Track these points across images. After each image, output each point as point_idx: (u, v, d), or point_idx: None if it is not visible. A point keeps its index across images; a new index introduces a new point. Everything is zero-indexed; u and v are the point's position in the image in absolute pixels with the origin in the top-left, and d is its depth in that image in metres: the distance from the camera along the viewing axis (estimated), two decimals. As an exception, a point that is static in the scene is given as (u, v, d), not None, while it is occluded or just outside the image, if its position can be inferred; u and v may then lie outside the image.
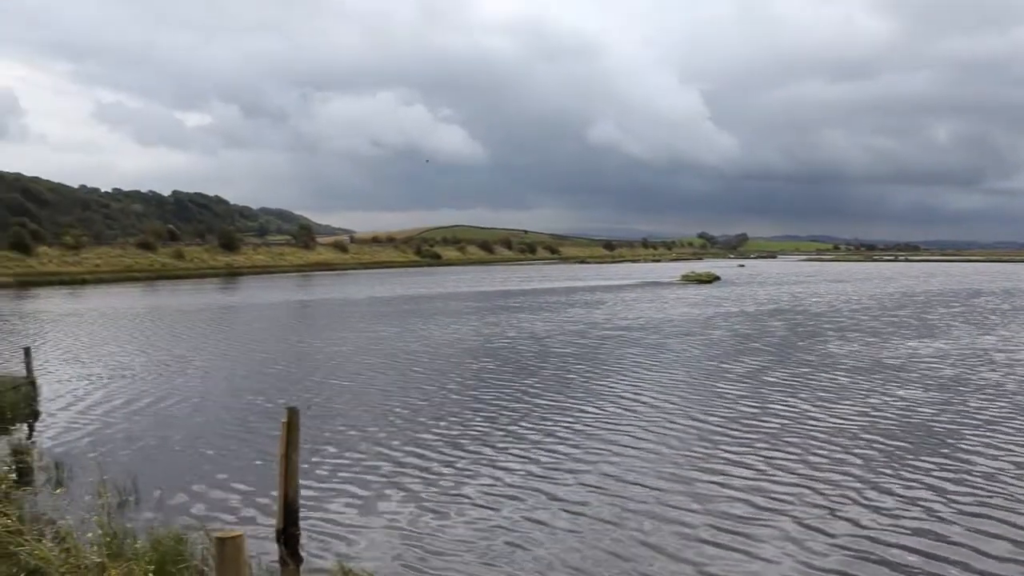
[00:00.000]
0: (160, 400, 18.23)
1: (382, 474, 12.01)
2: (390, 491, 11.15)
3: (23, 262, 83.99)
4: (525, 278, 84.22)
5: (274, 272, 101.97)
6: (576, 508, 10.17)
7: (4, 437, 14.91)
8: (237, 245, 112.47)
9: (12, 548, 4.86)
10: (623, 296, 53.02)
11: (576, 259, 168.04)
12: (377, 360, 23.60)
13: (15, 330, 34.64)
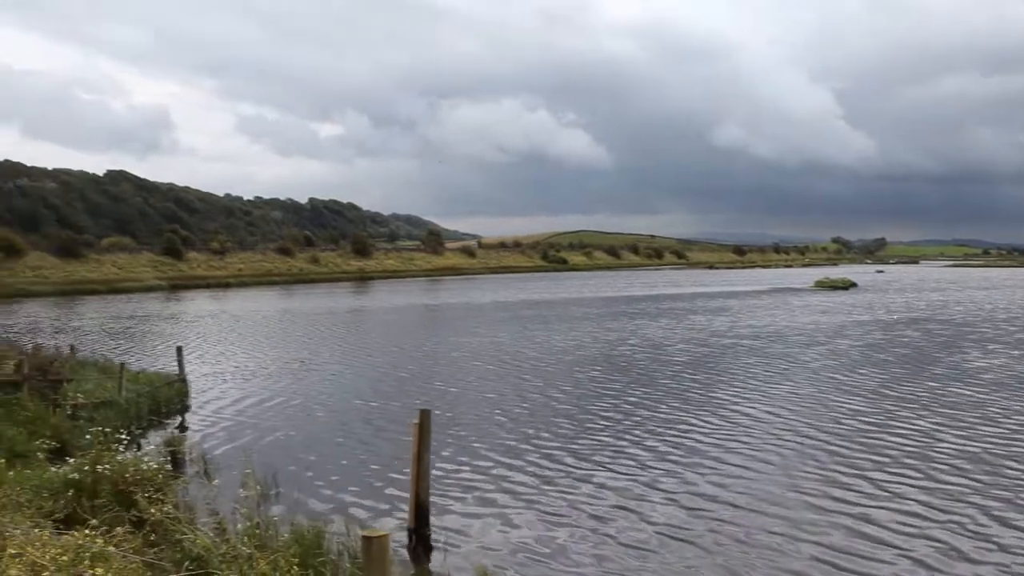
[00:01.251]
0: (295, 398, 19.28)
1: (501, 476, 12.33)
2: (511, 494, 11.46)
3: (175, 266, 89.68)
4: (650, 283, 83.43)
5: (404, 276, 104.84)
6: (679, 523, 10.11)
7: (160, 430, 16.18)
8: (369, 250, 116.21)
9: (177, 536, 5.40)
10: (750, 303, 51.80)
11: (704, 264, 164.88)
12: (494, 366, 24.06)
13: (164, 331, 37.13)
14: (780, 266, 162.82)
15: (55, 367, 15.38)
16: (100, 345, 29.65)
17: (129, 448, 12.96)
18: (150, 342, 32.23)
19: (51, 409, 14.11)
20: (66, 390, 15.24)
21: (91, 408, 15.24)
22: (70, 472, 9.34)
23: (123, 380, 16.89)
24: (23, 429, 12.44)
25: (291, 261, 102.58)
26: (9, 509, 5.07)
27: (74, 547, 4.73)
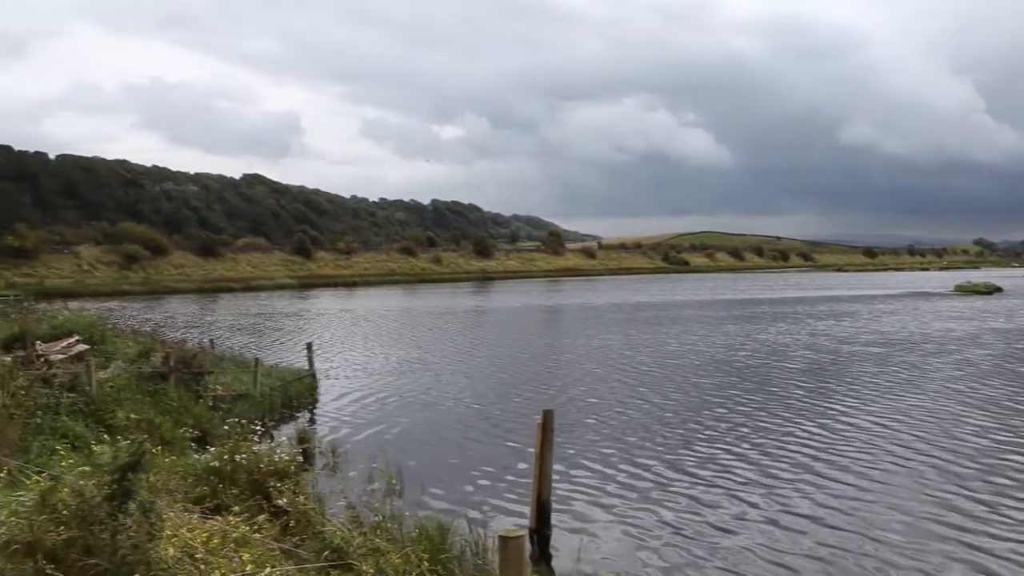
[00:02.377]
0: (416, 394, 19.75)
1: (617, 481, 12.26)
2: (628, 499, 11.37)
3: (304, 265, 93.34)
4: (773, 286, 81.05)
5: (524, 277, 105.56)
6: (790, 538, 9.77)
7: (291, 423, 16.86)
8: (490, 251, 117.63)
9: (317, 527, 5.61)
10: (878, 308, 49.48)
11: (832, 267, 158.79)
12: (604, 370, 23.85)
13: (293, 328, 38.66)
14: (915, 269, 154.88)
15: (197, 360, 16.27)
16: (235, 340, 31.14)
17: (263, 439, 13.58)
18: (280, 338, 33.65)
19: (194, 400, 14.92)
20: (207, 382, 16.08)
21: (229, 400, 16.03)
22: (211, 460, 9.83)
23: (258, 374, 17.69)
24: (169, 417, 13.21)
25: (414, 261, 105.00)
26: (162, 493, 5.39)
27: (219, 531, 5.00)
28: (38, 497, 4.22)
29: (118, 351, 17.29)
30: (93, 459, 9.02)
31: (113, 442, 10.89)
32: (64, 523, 4.09)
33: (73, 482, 4.39)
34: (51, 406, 11.52)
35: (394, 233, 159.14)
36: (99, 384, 13.02)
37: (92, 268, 78.53)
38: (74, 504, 4.11)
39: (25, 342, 15.99)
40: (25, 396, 10.18)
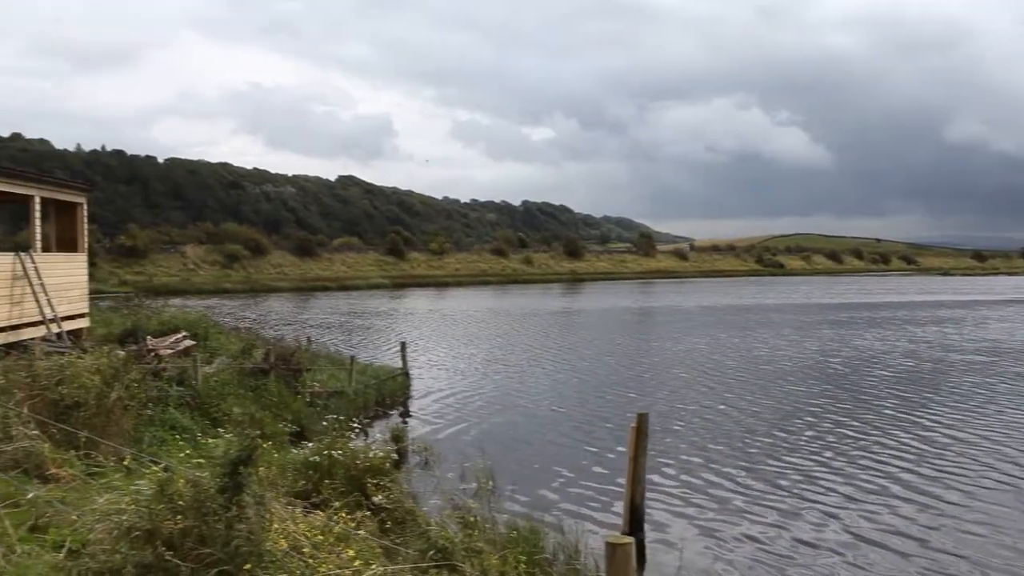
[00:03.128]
0: (506, 395, 19.86)
1: (701, 486, 12.07)
2: (714, 505, 11.18)
3: (397, 265, 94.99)
4: (873, 291, 78.23)
5: (615, 279, 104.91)
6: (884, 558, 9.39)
7: (385, 420, 17.18)
8: (581, 252, 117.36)
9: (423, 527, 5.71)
10: (987, 314, 47.03)
11: (937, 271, 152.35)
12: (690, 374, 23.42)
13: (386, 327, 39.37)
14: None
15: (296, 358, 16.74)
16: (328, 338, 31.89)
17: (358, 436, 13.89)
18: (371, 336, 34.33)
19: (292, 395, 15.36)
20: (304, 379, 16.53)
21: (325, 397, 16.44)
22: (310, 455, 10.10)
23: (353, 372, 18.10)
24: (270, 412, 13.63)
25: (505, 262, 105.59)
26: (268, 487, 5.56)
27: (321, 526, 5.14)
28: (156, 487, 4.42)
29: (222, 347, 17.94)
30: (207, 452, 9.40)
31: (217, 435, 11.34)
32: (180, 513, 4.27)
33: (189, 473, 4.58)
34: (161, 399, 12.03)
35: (485, 234, 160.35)
36: (205, 378, 13.53)
37: (197, 267, 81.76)
38: (190, 495, 4.29)
39: (137, 337, 16.75)
40: (138, 388, 10.63)
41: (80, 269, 17.78)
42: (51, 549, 5.53)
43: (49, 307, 15.15)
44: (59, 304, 15.59)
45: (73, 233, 17.98)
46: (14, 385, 9.51)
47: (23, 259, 14.99)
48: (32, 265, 15.04)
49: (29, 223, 16.24)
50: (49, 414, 9.11)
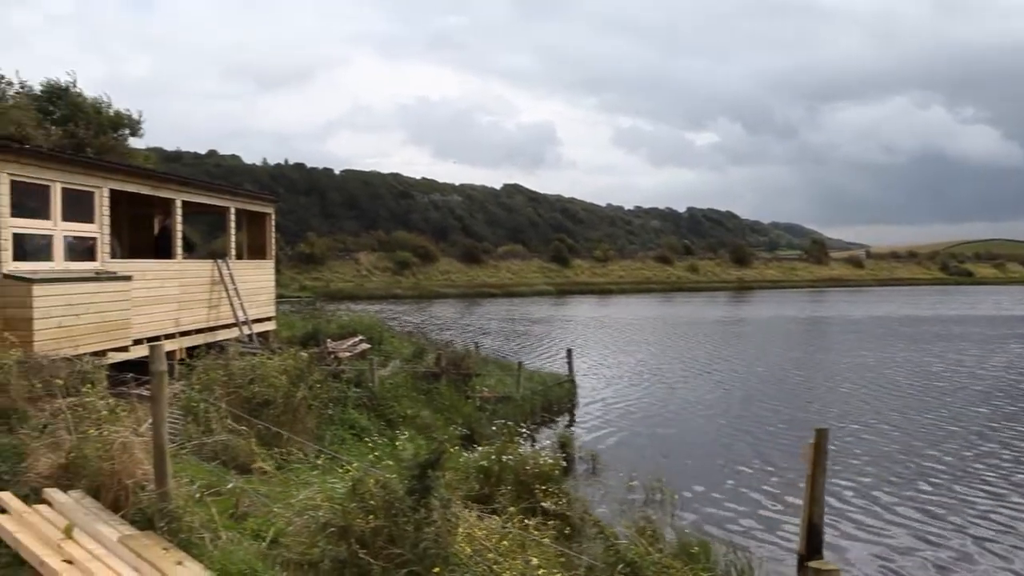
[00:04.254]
0: (673, 405, 19.52)
1: (880, 508, 11.40)
2: (891, 529, 10.55)
3: (561, 272, 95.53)
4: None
5: (784, 287, 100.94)
6: None
7: (551, 427, 17.29)
8: (748, 259, 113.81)
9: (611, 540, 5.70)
10: None
11: None
12: (859, 388, 22.14)
13: (551, 333, 39.60)
14: None
15: (466, 362, 17.13)
16: (495, 343, 32.45)
17: (526, 441, 14.03)
18: (538, 342, 34.62)
19: (462, 399, 15.73)
20: (474, 383, 16.89)
21: (494, 401, 16.73)
22: (480, 459, 10.29)
23: (520, 378, 18.32)
24: (441, 416, 14.02)
25: (669, 269, 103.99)
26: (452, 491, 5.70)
27: (498, 531, 5.21)
28: (349, 486, 4.63)
29: (395, 351, 18.62)
30: (383, 452, 9.76)
31: (393, 436, 11.76)
32: (372, 512, 4.45)
33: (379, 474, 4.76)
34: (340, 399, 12.60)
35: (649, 241, 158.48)
36: (380, 381, 14.09)
37: (370, 273, 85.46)
38: (381, 495, 4.46)
39: (318, 339, 17.67)
40: (320, 389, 11.19)
41: (268, 275, 18.97)
42: (250, 537, 5.91)
43: (242, 310, 16.24)
44: (250, 307, 16.68)
45: (262, 241, 19.21)
46: (214, 382, 10.25)
47: (220, 265, 16.15)
48: (228, 271, 16.18)
49: (225, 232, 17.48)
50: (242, 411, 9.73)
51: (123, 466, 6.04)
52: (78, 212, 12.17)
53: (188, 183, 16.17)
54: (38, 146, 13.19)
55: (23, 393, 7.71)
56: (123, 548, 5.49)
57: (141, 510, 5.89)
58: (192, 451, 8.33)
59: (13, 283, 10.42)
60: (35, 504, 6.27)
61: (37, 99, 22.64)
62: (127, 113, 24.67)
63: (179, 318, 14.57)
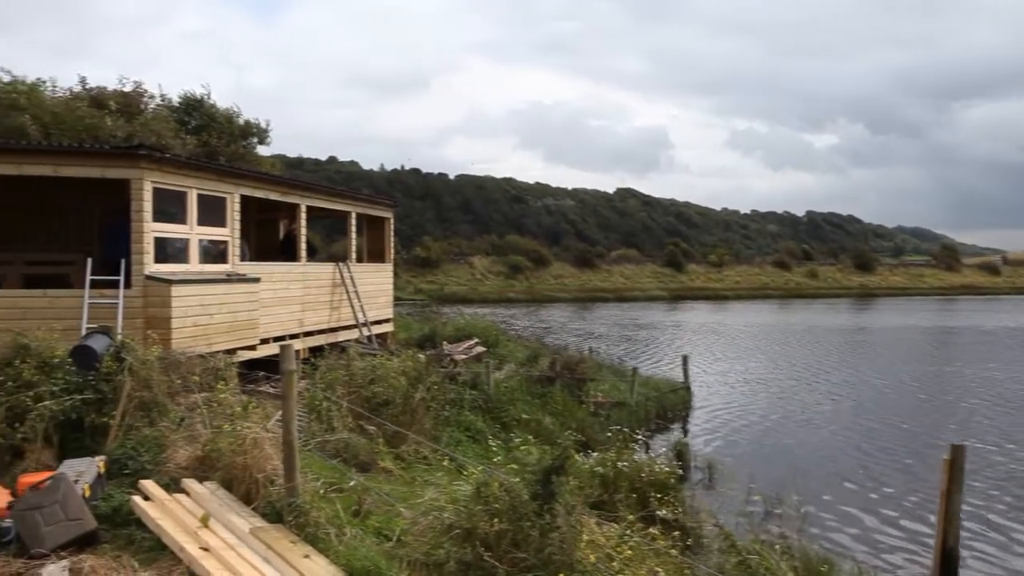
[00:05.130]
0: (794, 415, 18.92)
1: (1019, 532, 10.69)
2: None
3: (675, 278, 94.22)
4: None
5: (912, 294, 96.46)
6: None
7: (666, 434, 17.05)
8: (872, 265, 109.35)
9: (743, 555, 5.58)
10: None
11: None
12: (989, 404, 20.79)
13: (664, 339, 39.06)
14: None
15: (580, 367, 17.08)
16: (609, 348, 32.24)
17: (640, 448, 13.86)
18: (651, 348, 34.20)
19: (576, 404, 15.69)
20: (588, 388, 16.82)
21: (608, 407, 16.62)
22: (595, 465, 10.23)
23: (635, 384, 18.13)
24: (555, 420, 14.02)
25: (787, 275, 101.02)
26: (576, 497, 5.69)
27: (616, 539, 5.17)
28: (474, 489, 4.68)
29: (510, 354, 18.75)
30: (497, 455, 9.83)
31: (508, 439, 11.84)
32: (497, 515, 4.48)
33: (503, 478, 4.80)
34: (456, 401, 12.77)
35: (766, 246, 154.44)
36: (495, 384, 14.21)
37: (483, 277, 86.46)
38: (505, 499, 4.49)
39: (434, 342, 17.99)
40: (437, 390, 11.38)
41: (387, 278, 19.43)
42: (372, 534, 6.06)
43: (361, 312, 16.70)
44: (369, 310, 17.12)
45: (381, 245, 19.70)
46: (336, 381, 10.57)
47: (341, 268, 16.65)
48: (348, 274, 16.67)
49: (346, 236, 18.01)
50: (363, 410, 9.99)
51: (254, 460, 6.30)
52: (212, 217, 12.78)
53: (312, 188, 16.74)
54: (177, 155, 13.92)
55: (164, 388, 8.14)
56: (254, 539, 5.72)
57: (271, 503, 6.12)
58: (315, 448, 8.60)
59: (154, 284, 11.02)
60: (174, 493, 6.62)
61: (175, 110, 23.93)
62: (256, 122, 25.77)
63: (303, 319, 15.10)
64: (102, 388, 7.80)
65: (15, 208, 13.84)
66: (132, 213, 11.14)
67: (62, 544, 5.78)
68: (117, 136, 19.08)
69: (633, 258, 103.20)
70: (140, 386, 7.95)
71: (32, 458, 7.21)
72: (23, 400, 7.39)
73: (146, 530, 6.12)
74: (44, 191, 13.43)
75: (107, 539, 6.05)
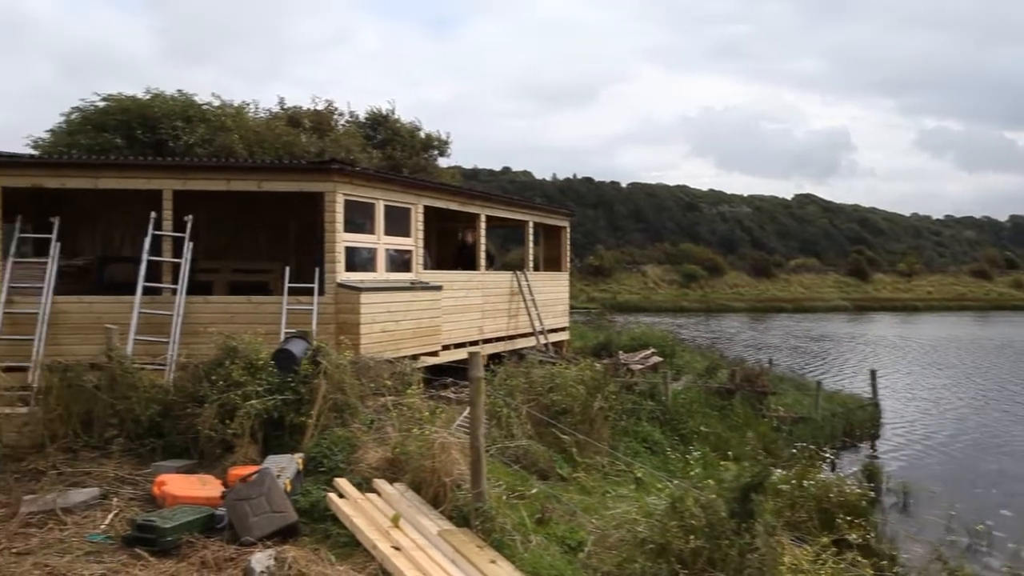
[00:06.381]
0: (992, 439, 17.44)
1: None
2: None
3: (859, 287, 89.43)
4: None
5: None
6: None
7: (852, 453, 16.17)
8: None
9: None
10: None
11: None
12: None
13: (847, 352, 37.05)
14: None
15: (760, 379, 16.51)
16: (786, 360, 30.97)
17: (826, 467, 13.20)
18: (833, 361, 32.54)
19: (757, 418, 15.16)
20: (769, 402, 16.22)
21: (790, 422, 15.95)
22: (778, 482, 9.82)
23: (819, 399, 17.32)
24: (736, 434, 13.60)
25: (988, 285, 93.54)
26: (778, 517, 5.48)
27: (811, 562, 4.92)
28: (668, 503, 4.60)
29: (687, 365, 18.37)
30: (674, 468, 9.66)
31: (686, 451, 11.60)
32: (692, 532, 4.38)
33: (699, 494, 4.69)
34: (633, 411, 12.63)
35: (962, 254, 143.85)
36: (673, 395, 13.95)
37: (656, 285, 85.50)
38: (702, 516, 4.38)
39: (609, 351, 17.91)
40: (615, 400, 11.30)
41: (563, 287, 19.55)
42: (555, 543, 6.07)
43: (538, 320, 16.88)
44: (545, 318, 17.28)
45: (557, 254, 19.85)
46: (515, 389, 10.71)
47: (519, 277, 16.91)
48: (526, 282, 16.90)
49: (523, 245, 18.28)
50: (540, 418, 10.07)
51: (442, 464, 6.48)
52: (397, 227, 13.32)
53: (491, 199, 17.12)
54: (366, 168, 14.63)
55: (356, 391, 8.53)
56: (442, 541, 5.88)
57: (458, 507, 6.27)
58: (496, 454, 8.74)
59: (345, 291, 11.61)
60: (366, 492, 6.91)
61: (361, 126, 25.21)
62: (436, 135, 26.71)
63: (482, 326, 15.44)
64: (300, 390, 8.27)
65: (224, 221, 14.98)
66: (324, 224, 11.80)
67: (267, 534, 6.17)
68: (310, 152, 20.34)
69: (813, 267, 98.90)
70: (334, 388, 8.36)
71: (240, 452, 7.75)
72: (233, 398, 7.95)
73: (340, 526, 6.42)
74: (247, 205, 14.47)
75: (306, 532, 6.41)
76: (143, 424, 8.25)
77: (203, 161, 16.73)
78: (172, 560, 5.76)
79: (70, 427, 8.05)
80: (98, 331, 9.51)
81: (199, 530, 6.22)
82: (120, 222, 15.79)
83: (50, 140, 21.33)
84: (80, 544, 6.01)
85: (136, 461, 7.97)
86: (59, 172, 11.94)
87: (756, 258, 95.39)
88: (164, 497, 6.77)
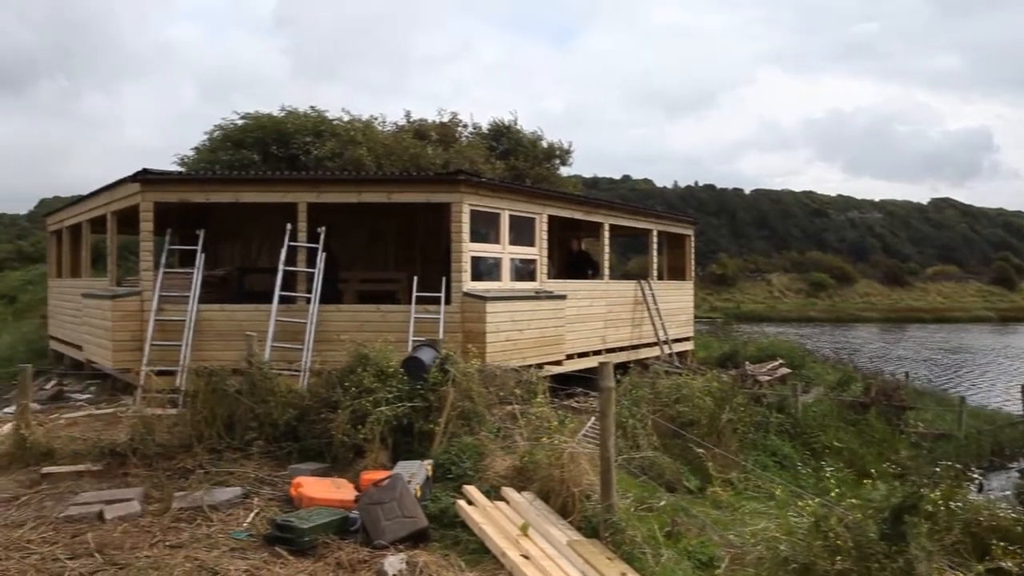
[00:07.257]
0: None
1: None
2: None
3: (1006, 296, 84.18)
4: None
5: None
6: None
7: (1002, 473, 15.19)
8: None
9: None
10: None
11: None
12: None
13: (991, 365, 34.86)
14: None
15: (898, 394, 15.74)
16: (925, 373, 29.38)
17: (973, 488, 12.43)
18: (967, 375, 30.67)
19: (894, 434, 14.47)
20: (907, 417, 15.45)
21: (931, 438, 15.15)
22: (930, 503, 9.27)
23: (963, 415, 16.38)
24: (872, 449, 13.01)
25: None
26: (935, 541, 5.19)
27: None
28: (811, 521, 4.43)
29: (818, 377, 17.71)
30: (807, 483, 9.30)
31: (818, 466, 11.16)
32: (838, 552, 4.20)
33: (844, 513, 4.50)
34: (762, 424, 12.26)
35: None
36: (804, 408, 13.48)
37: (781, 295, 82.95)
38: (848, 536, 4.20)
39: (735, 361, 17.47)
40: (744, 412, 11.01)
41: (687, 296, 19.23)
42: (685, 557, 5.94)
43: (662, 330, 16.65)
44: (669, 327, 17.03)
45: (681, 263, 19.55)
46: (641, 399, 10.58)
47: (642, 286, 16.74)
48: (650, 291, 16.71)
49: (647, 253, 18.09)
50: (666, 429, 9.90)
51: (570, 474, 6.45)
52: (522, 236, 13.41)
53: (615, 207, 17.03)
54: (491, 178, 14.81)
55: (483, 399, 8.62)
56: (571, 552, 5.84)
57: (587, 518, 6.22)
58: (622, 464, 8.64)
59: (471, 300, 11.77)
60: (494, 500, 6.96)
61: (484, 137, 25.53)
62: (558, 144, 26.75)
63: (605, 335, 15.34)
64: (428, 397, 8.41)
65: (354, 231, 15.47)
66: (451, 234, 12.00)
67: (399, 538, 6.29)
68: (436, 163, 20.76)
69: (953, 275, 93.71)
70: (462, 396, 8.47)
71: (371, 457, 7.94)
72: (364, 404, 8.16)
73: (469, 532, 6.47)
74: (373, 216, 14.89)
75: (436, 537, 6.49)
76: (280, 428, 8.57)
77: (336, 174, 17.34)
78: (309, 560, 5.94)
79: (215, 429, 8.44)
80: (239, 338, 9.98)
81: (334, 532, 6.40)
82: (257, 234, 16.56)
83: (195, 157, 22.57)
84: (225, 540, 6.28)
85: (274, 463, 8.28)
86: (204, 187, 12.63)
87: (889, 266, 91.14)
88: (300, 498, 7.01)
